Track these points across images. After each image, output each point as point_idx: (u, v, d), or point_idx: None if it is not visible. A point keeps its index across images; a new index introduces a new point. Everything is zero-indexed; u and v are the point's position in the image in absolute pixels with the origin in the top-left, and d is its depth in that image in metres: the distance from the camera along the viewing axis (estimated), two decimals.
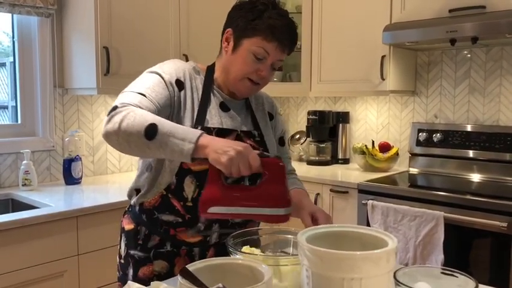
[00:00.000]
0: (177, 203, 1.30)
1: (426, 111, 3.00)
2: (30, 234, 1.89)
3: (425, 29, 2.49)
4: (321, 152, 3.28)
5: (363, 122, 3.31)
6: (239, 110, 1.41)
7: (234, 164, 1.07)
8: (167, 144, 1.10)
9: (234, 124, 1.36)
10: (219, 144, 1.09)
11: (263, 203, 1.12)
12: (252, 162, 1.09)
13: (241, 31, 1.31)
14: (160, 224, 1.34)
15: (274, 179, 1.13)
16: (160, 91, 1.25)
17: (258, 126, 1.43)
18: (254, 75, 1.32)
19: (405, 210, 2.33)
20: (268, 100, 1.55)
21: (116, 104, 1.19)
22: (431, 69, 2.96)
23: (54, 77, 2.58)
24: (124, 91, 1.26)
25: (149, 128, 1.11)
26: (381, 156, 2.93)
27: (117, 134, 1.14)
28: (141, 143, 1.12)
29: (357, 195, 2.58)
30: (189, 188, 1.28)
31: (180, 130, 1.12)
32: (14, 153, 2.44)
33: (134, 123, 1.12)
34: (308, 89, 3.15)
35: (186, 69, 1.35)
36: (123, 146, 1.16)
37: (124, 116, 1.14)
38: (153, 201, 1.33)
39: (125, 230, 1.42)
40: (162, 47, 2.65)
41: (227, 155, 1.07)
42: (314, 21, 3.08)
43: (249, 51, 1.30)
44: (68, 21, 2.55)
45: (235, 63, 1.33)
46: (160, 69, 1.31)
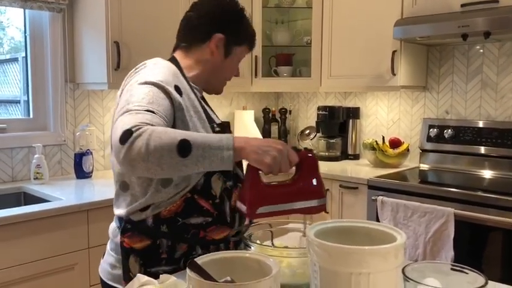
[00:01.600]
0: (205, 202, 1.25)
1: (437, 107, 2.97)
2: (41, 227, 1.92)
3: (437, 24, 2.46)
4: (330, 148, 3.27)
5: (373, 117, 3.29)
6: None
7: (276, 163, 1.07)
8: (204, 156, 1.05)
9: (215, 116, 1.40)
10: (256, 144, 1.08)
11: (302, 197, 1.14)
12: (292, 158, 1.10)
13: (234, 39, 1.38)
14: (188, 229, 1.25)
15: (310, 172, 1.15)
16: (164, 103, 1.16)
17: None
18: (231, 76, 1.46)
19: (415, 207, 2.32)
20: None
21: (126, 127, 1.05)
22: (443, 64, 2.93)
23: (66, 72, 2.60)
24: (127, 110, 1.11)
25: (181, 144, 1.03)
26: (391, 152, 2.92)
27: (145, 160, 1.02)
28: (176, 163, 1.03)
29: (367, 191, 2.57)
30: (217, 185, 1.27)
31: (212, 139, 1.07)
32: (26, 147, 2.46)
33: (162, 144, 1.02)
34: (318, 84, 3.14)
35: (175, 70, 1.30)
36: (153, 171, 1.05)
37: (147, 139, 1.02)
38: (174, 207, 1.23)
39: (136, 249, 1.24)
40: (173, 41, 2.64)
41: (270, 155, 1.06)
42: (324, 16, 3.07)
43: (239, 58, 1.43)
44: (79, 16, 2.56)
45: (227, 68, 1.41)
46: (155, 78, 1.20)
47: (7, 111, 2.77)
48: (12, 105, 2.75)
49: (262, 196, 1.13)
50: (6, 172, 2.41)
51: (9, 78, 2.80)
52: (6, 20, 2.68)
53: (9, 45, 2.78)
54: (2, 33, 2.72)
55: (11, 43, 2.77)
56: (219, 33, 1.35)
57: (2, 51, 2.76)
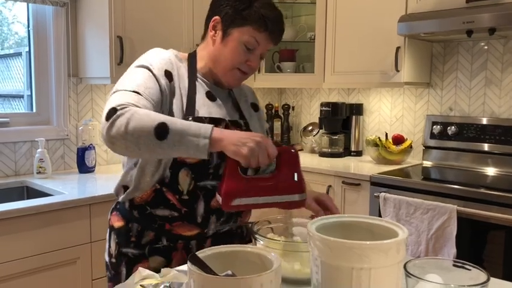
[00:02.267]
0: (172, 196, 1.27)
1: (441, 104, 2.96)
2: (43, 221, 1.92)
3: (442, 20, 2.45)
4: (333, 144, 3.26)
5: (376, 114, 3.28)
6: (225, 99, 1.39)
7: (254, 155, 1.07)
8: (181, 142, 1.08)
9: (222, 113, 1.34)
10: (236, 136, 1.09)
11: (281, 191, 1.15)
12: (271, 151, 1.10)
13: (231, 21, 1.29)
14: (154, 219, 1.29)
15: (290, 167, 1.16)
16: (152, 86, 1.21)
17: (243, 116, 1.42)
18: (244, 65, 1.31)
19: (418, 203, 2.31)
20: (249, 91, 1.55)
21: (112, 105, 1.12)
22: (447, 61, 2.92)
23: (69, 66, 2.60)
24: (116, 90, 1.20)
25: (159, 127, 1.07)
26: (394, 148, 2.91)
27: (124, 138, 1.08)
28: (152, 144, 1.08)
29: (369, 188, 2.56)
30: (184, 181, 1.25)
31: (191, 126, 1.09)
32: (29, 142, 2.47)
33: (142, 125, 1.07)
34: (321, 80, 3.13)
35: (171, 58, 1.32)
36: (131, 150, 1.10)
37: (129, 118, 1.08)
38: (145, 196, 1.28)
39: (115, 227, 1.36)
40: (176, 36, 2.65)
41: (247, 147, 1.07)
42: (328, 11, 3.05)
43: (239, 41, 1.28)
44: (82, 11, 2.56)
45: (225, 54, 1.30)
46: (147, 62, 1.27)
47: (10, 105, 2.78)
48: (16, 100, 2.76)
49: (238, 188, 1.12)
50: (9, 166, 2.42)
51: (13, 73, 2.81)
52: (12, 17, 2.68)
53: (13, 40, 2.78)
54: (6, 28, 2.72)
55: (15, 38, 2.78)
56: (217, 15, 1.32)
57: (5, 45, 2.76)
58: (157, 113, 1.13)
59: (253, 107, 1.50)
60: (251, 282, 0.77)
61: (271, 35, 1.30)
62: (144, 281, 0.97)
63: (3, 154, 2.39)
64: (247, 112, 1.45)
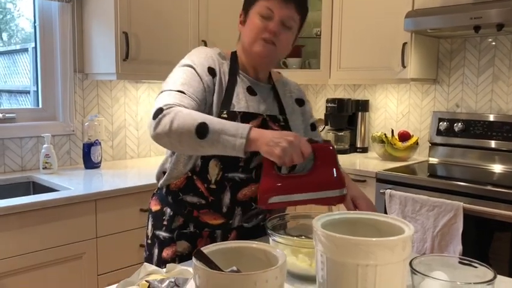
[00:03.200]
0: (201, 185, 1.33)
1: (447, 100, 2.94)
2: (49, 216, 1.93)
3: (449, 16, 2.43)
4: (339, 141, 3.26)
5: (382, 110, 3.26)
6: (266, 94, 1.43)
7: (287, 154, 1.11)
8: (219, 141, 1.13)
9: (260, 108, 1.38)
10: (270, 136, 1.12)
11: (319, 188, 1.16)
12: (304, 149, 1.13)
13: (247, 3, 1.37)
14: (185, 206, 1.37)
15: (327, 163, 1.18)
16: (196, 85, 1.28)
17: (283, 111, 1.44)
18: (266, 33, 1.32)
19: (424, 200, 2.30)
20: (296, 87, 1.57)
21: (160, 105, 1.20)
22: (454, 57, 2.89)
23: (75, 62, 2.60)
24: (163, 90, 1.28)
25: (200, 127, 1.14)
26: (400, 145, 2.90)
27: (168, 136, 1.17)
28: (194, 142, 1.15)
29: (375, 184, 2.55)
30: (213, 171, 1.31)
31: (229, 126, 1.15)
32: (35, 137, 2.48)
33: (184, 124, 1.15)
34: (327, 76, 3.12)
35: (213, 56, 1.37)
36: (174, 146, 1.20)
37: (173, 117, 1.16)
38: (179, 182, 1.36)
39: (152, 211, 1.45)
40: (181, 32, 2.65)
41: (279, 146, 1.10)
42: (334, 7, 3.04)
43: (255, 15, 1.34)
44: (88, 7, 2.56)
45: (246, 31, 1.36)
46: (191, 61, 1.33)
47: (17, 101, 2.79)
48: (22, 96, 2.77)
49: (274, 185, 1.15)
50: (16, 161, 2.43)
51: (20, 68, 2.82)
52: (17, 11, 2.69)
53: (19, 36, 2.79)
54: (13, 24, 2.73)
55: (21, 34, 2.79)
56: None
57: (12, 41, 2.77)
58: (199, 112, 1.20)
59: (298, 102, 1.52)
60: (256, 278, 0.77)
61: None
62: (150, 277, 0.97)
63: (10, 149, 2.40)
64: (290, 107, 1.48)
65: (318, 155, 1.17)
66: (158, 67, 2.53)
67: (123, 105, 2.84)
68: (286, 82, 1.54)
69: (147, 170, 2.55)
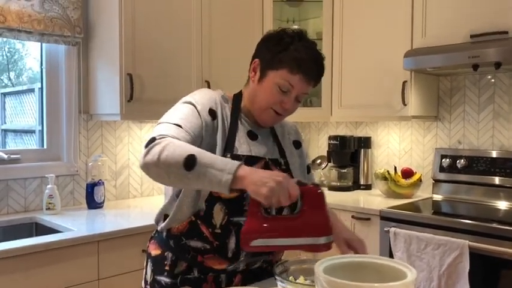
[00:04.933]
0: (205, 229, 1.31)
1: (449, 137, 2.95)
2: (52, 258, 1.92)
3: (447, 55, 2.47)
4: (342, 178, 3.25)
5: (385, 147, 3.27)
6: (266, 138, 1.44)
7: (274, 195, 1.08)
8: (205, 174, 1.11)
9: (262, 152, 1.39)
10: (258, 176, 1.10)
11: (305, 233, 1.13)
12: (292, 192, 1.11)
13: (268, 63, 1.35)
14: (188, 250, 1.34)
15: (314, 207, 1.14)
16: (194, 121, 1.29)
17: (284, 154, 1.46)
18: (278, 106, 1.35)
19: (429, 238, 2.28)
20: (293, 128, 1.59)
21: (153, 135, 1.21)
22: (454, 94, 2.92)
23: (80, 103, 2.64)
24: (160, 122, 1.29)
25: (188, 158, 1.12)
26: (403, 182, 2.89)
27: (156, 166, 1.15)
28: (181, 174, 1.13)
29: (379, 222, 2.53)
30: (218, 216, 1.30)
31: (218, 161, 1.14)
32: (39, 178, 2.49)
33: (174, 155, 1.13)
34: (329, 114, 3.15)
35: (216, 98, 1.38)
36: (162, 177, 1.18)
37: (163, 147, 1.15)
38: (181, 227, 1.34)
39: (152, 255, 1.42)
40: (185, 73, 2.70)
41: (267, 187, 1.08)
42: (334, 46, 3.10)
43: (274, 83, 1.33)
44: (93, 49, 2.62)
45: (260, 94, 1.37)
46: (193, 99, 1.35)
47: (22, 140, 2.82)
48: (28, 135, 2.80)
49: (259, 227, 1.12)
50: (19, 202, 2.43)
51: (26, 108, 2.86)
52: (25, 51, 2.76)
53: (26, 75, 2.85)
54: (20, 63, 2.79)
55: (29, 73, 2.84)
56: (257, 58, 1.39)
57: (20, 81, 2.82)
58: (192, 145, 1.19)
59: (295, 144, 1.54)
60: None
61: (306, 76, 1.32)
62: None
63: (14, 190, 2.41)
64: (289, 150, 1.49)
65: (305, 198, 1.13)
66: (162, 107, 2.50)
67: (127, 144, 2.86)
68: (284, 123, 1.56)
69: (150, 209, 2.55)
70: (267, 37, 1.40)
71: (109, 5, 2.48)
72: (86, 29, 2.63)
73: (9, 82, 2.89)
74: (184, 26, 2.69)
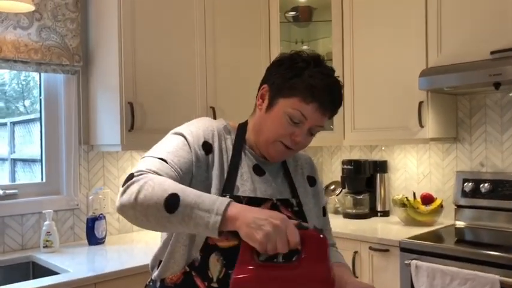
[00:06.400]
0: (201, 283, 1.14)
1: (471, 159, 2.77)
2: None
3: (466, 73, 2.32)
4: (358, 204, 3.08)
5: (402, 171, 3.10)
6: (275, 173, 1.27)
7: (270, 240, 0.93)
8: (190, 216, 0.97)
9: (270, 191, 1.22)
10: (252, 216, 0.95)
11: (304, 285, 0.97)
12: (291, 238, 0.95)
13: (278, 89, 1.19)
14: None
15: (315, 256, 0.98)
16: (183, 155, 1.13)
17: (296, 194, 1.28)
18: (288, 139, 1.19)
19: (454, 273, 2.09)
20: (307, 161, 1.40)
21: (132, 171, 1.07)
22: (474, 114, 2.76)
23: (80, 134, 2.53)
24: (144, 156, 1.14)
25: (170, 199, 0.98)
26: (423, 208, 2.71)
27: (133, 208, 1.00)
28: (161, 217, 0.98)
29: (399, 254, 2.35)
30: (215, 267, 1.13)
31: (206, 199, 0.98)
32: (37, 213, 2.37)
33: (153, 194, 0.99)
34: (341, 137, 3.00)
35: (216, 129, 1.22)
36: (140, 220, 1.02)
37: (141, 186, 1.00)
38: (175, 278, 1.17)
39: None
40: (189, 99, 2.58)
41: (262, 231, 0.93)
42: (345, 67, 2.96)
43: (284, 112, 1.17)
44: (93, 78, 2.52)
45: (268, 124, 1.20)
46: (186, 130, 1.20)
47: (31, 169, 2.67)
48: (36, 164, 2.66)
49: (251, 278, 0.96)
50: (16, 240, 2.31)
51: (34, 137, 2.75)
52: (32, 79, 2.65)
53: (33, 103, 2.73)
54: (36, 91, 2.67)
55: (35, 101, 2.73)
56: (266, 84, 1.23)
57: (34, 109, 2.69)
58: (175, 182, 1.03)
59: (309, 180, 1.36)
60: None
61: (321, 107, 1.16)
62: None
63: (11, 228, 2.29)
64: (302, 188, 1.32)
65: (306, 245, 0.98)
66: (165, 136, 2.43)
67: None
68: (298, 157, 1.38)
69: (155, 244, 2.38)
70: (278, 60, 1.23)
71: (108, 31, 2.39)
72: (86, 57, 2.53)
73: (24, 110, 2.78)
74: (187, 49, 2.57)
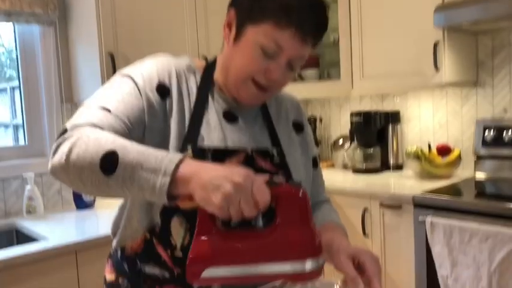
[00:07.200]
0: (163, 251, 0.96)
1: (493, 105, 2.51)
2: (23, 274, 1.63)
3: (488, 5, 2.03)
4: (368, 159, 2.86)
5: (416, 121, 2.85)
6: (252, 120, 1.05)
7: (232, 202, 0.72)
8: (133, 179, 0.78)
9: (244, 140, 1.00)
10: (208, 175, 0.74)
11: (280, 256, 0.76)
12: (259, 197, 0.73)
13: (246, 13, 0.94)
14: (144, 278, 0.99)
15: (293, 218, 0.76)
16: (132, 102, 0.92)
17: (278, 143, 1.06)
18: (262, 76, 0.95)
19: (474, 229, 1.89)
20: (293, 104, 1.17)
21: (66, 125, 0.88)
22: (497, 54, 2.47)
23: (61, 92, 2.34)
24: (85, 104, 0.94)
25: (106, 157, 0.79)
26: (439, 161, 2.48)
27: (65, 170, 0.82)
28: (98, 181, 0.80)
29: (413, 210, 2.14)
30: (178, 233, 0.94)
31: (151, 157, 0.78)
32: (19, 178, 2.21)
33: (86, 153, 0.80)
34: (350, 87, 2.75)
35: (174, 68, 0.99)
36: (76, 185, 0.84)
37: (73, 143, 0.82)
38: (136, 245, 0.99)
39: (106, 280, 1.09)
40: (178, 48, 2.36)
41: (220, 192, 0.72)
42: (352, 8, 2.67)
43: (255, 42, 0.93)
44: (72, 29, 2.31)
45: (236, 59, 0.96)
46: (135, 71, 0.98)
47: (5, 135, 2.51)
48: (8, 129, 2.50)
49: (212, 252, 0.76)
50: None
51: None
52: None
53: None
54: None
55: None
56: (233, 7, 0.99)
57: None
58: (115, 136, 0.83)
59: (295, 127, 1.14)
60: None
61: (300, 31, 0.92)
62: None
63: None
64: (286, 136, 1.09)
65: (280, 206, 0.77)
66: None
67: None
68: (281, 99, 1.14)
69: None
70: None
71: None
72: (63, 7, 2.30)
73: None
74: None
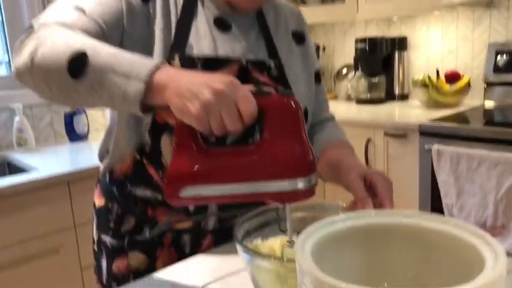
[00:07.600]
0: (154, 172, 0.89)
1: (507, 28, 2.36)
2: (13, 205, 1.58)
3: None
4: (373, 88, 2.74)
5: (424, 48, 2.71)
6: (247, 28, 0.94)
7: (212, 112, 0.62)
8: (102, 84, 0.68)
9: (238, 50, 0.90)
10: (186, 82, 0.64)
11: (269, 174, 0.66)
12: (243, 107, 0.62)
13: None
14: (135, 201, 0.94)
15: (285, 132, 0.66)
16: (110, 3, 0.82)
17: (275, 53, 0.95)
18: None
19: (481, 156, 1.81)
20: (294, 14, 1.06)
21: (32, 22, 0.78)
22: None
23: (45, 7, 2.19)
24: (55, 1, 0.84)
25: (74, 58, 0.69)
26: (447, 88, 2.37)
27: (30, 72, 0.73)
28: (65, 84, 0.71)
29: (419, 139, 2.06)
30: (168, 151, 0.86)
31: (124, 60, 0.68)
32: (7, 109, 2.11)
33: (53, 52, 0.70)
34: (355, 10, 2.58)
35: None
36: (41, 89, 0.75)
37: (39, 42, 0.72)
38: (125, 167, 0.92)
39: (96, 206, 1.03)
40: None
41: (199, 100, 0.61)
42: None
43: None
44: None
45: None
46: None
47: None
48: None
49: (191, 167, 0.67)
50: None
51: None
52: None
53: None
54: None
55: None
56: None
57: None
58: (86, 37, 0.74)
59: (295, 37, 1.03)
60: None
61: None
62: None
63: None
64: (285, 46, 0.99)
65: (269, 118, 0.66)
66: None
67: None
68: (279, 6, 1.02)
69: None
70: None
71: None
72: None
73: None
74: None
